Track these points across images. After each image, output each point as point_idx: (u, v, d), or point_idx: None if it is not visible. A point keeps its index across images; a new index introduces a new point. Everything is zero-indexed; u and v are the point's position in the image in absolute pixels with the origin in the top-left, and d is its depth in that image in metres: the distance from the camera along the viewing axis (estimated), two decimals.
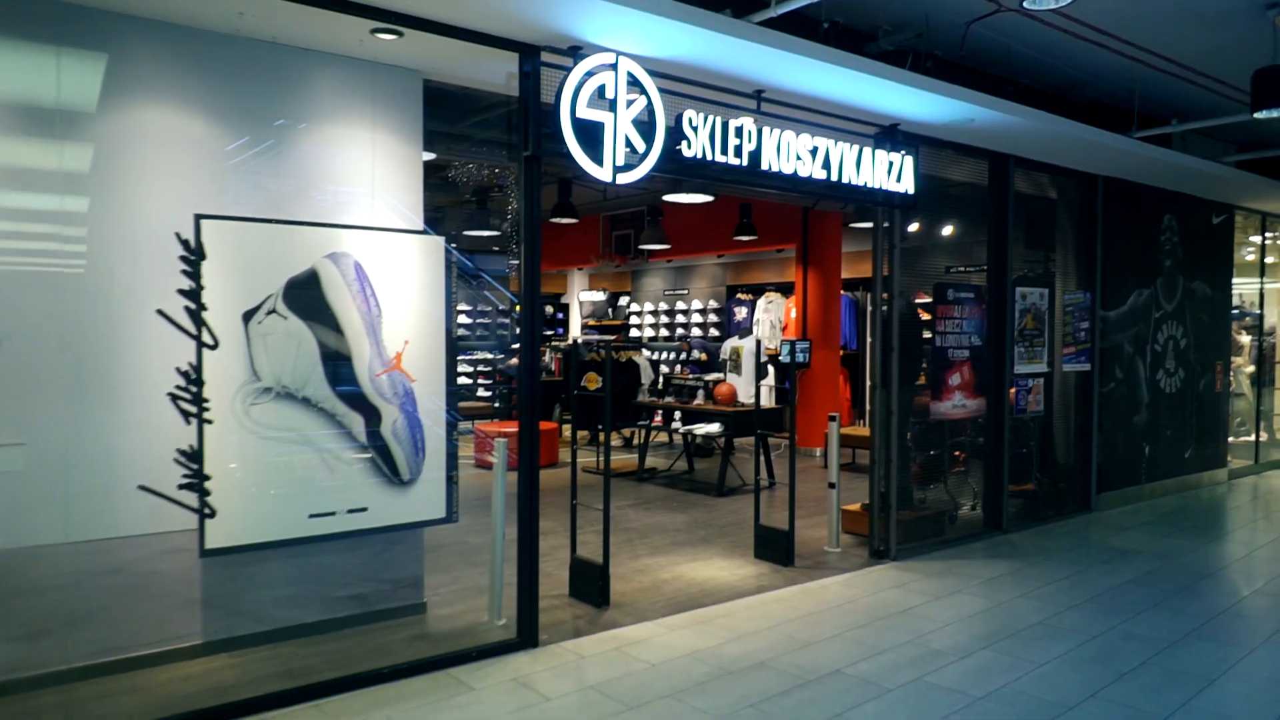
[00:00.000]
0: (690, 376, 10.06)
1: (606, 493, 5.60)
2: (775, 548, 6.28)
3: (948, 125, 6.18)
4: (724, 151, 5.08)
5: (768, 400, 11.09)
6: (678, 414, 9.35)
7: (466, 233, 11.64)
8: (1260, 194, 9.23)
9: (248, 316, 4.36)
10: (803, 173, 5.47)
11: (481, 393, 16.17)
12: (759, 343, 6.69)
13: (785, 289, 13.66)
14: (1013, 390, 7.27)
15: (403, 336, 4.89)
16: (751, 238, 11.61)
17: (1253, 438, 10.69)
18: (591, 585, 5.44)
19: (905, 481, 6.65)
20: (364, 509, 4.76)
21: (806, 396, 11.55)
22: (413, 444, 4.97)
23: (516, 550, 4.92)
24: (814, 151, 5.52)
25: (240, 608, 4.54)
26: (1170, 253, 8.93)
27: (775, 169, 5.32)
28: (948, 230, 7.19)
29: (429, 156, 7.09)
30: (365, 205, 4.85)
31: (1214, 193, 9.14)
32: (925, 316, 6.92)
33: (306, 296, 4.53)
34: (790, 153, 5.39)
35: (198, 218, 4.21)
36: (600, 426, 10.34)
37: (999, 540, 7.05)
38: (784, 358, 12.13)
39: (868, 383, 13.15)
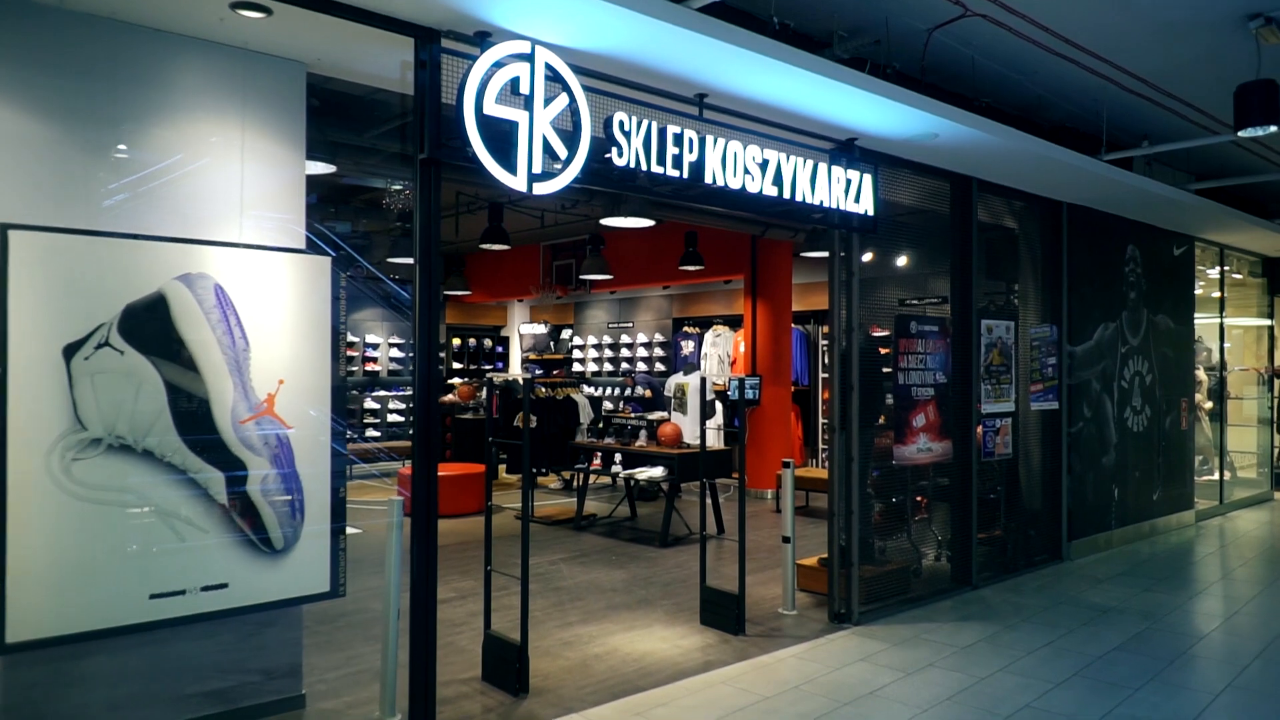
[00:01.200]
0: (632, 415, 9.32)
1: (525, 562, 4.80)
2: (723, 613, 5.53)
3: (909, 141, 5.60)
4: (661, 161, 4.40)
5: (715, 441, 10.39)
6: (618, 456, 8.58)
7: (393, 259, 10.81)
8: (1221, 225, 8.89)
9: (71, 350, 3.51)
10: (751, 188, 4.82)
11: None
12: (704, 380, 5.98)
13: (734, 322, 13.06)
14: (979, 430, 6.67)
15: (276, 375, 4.07)
16: (697, 267, 10.98)
17: (1215, 476, 10.28)
18: (507, 668, 4.62)
19: (867, 534, 5.97)
20: (223, 585, 3.90)
21: (757, 435, 10.89)
22: (288, 503, 4.14)
23: (410, 627, 4.09)
24: (764, 165, 4.87)
25: (56, 716, 3.62)
26: (1135, 284, 8.50)
27: (720, 183, 4.66)
28: (904, 260, 6.60)
29: (327, 169, 6.32)
30: (231, 219, 4.04)
31: (1176, 223, 8.77)
32: (883, 351, 6.30)
33: (151, 326, 3.70)
34: (737, 165, 4.73)
35: (3, 227, 3.37)
36: (538, 470, 9.52)
37: (969, 597, 6.40)
38: (733, 394, 11.48)
39: (822, 422, 12.62)
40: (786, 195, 5.00)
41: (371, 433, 14.88)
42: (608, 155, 4.23)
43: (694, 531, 8.58)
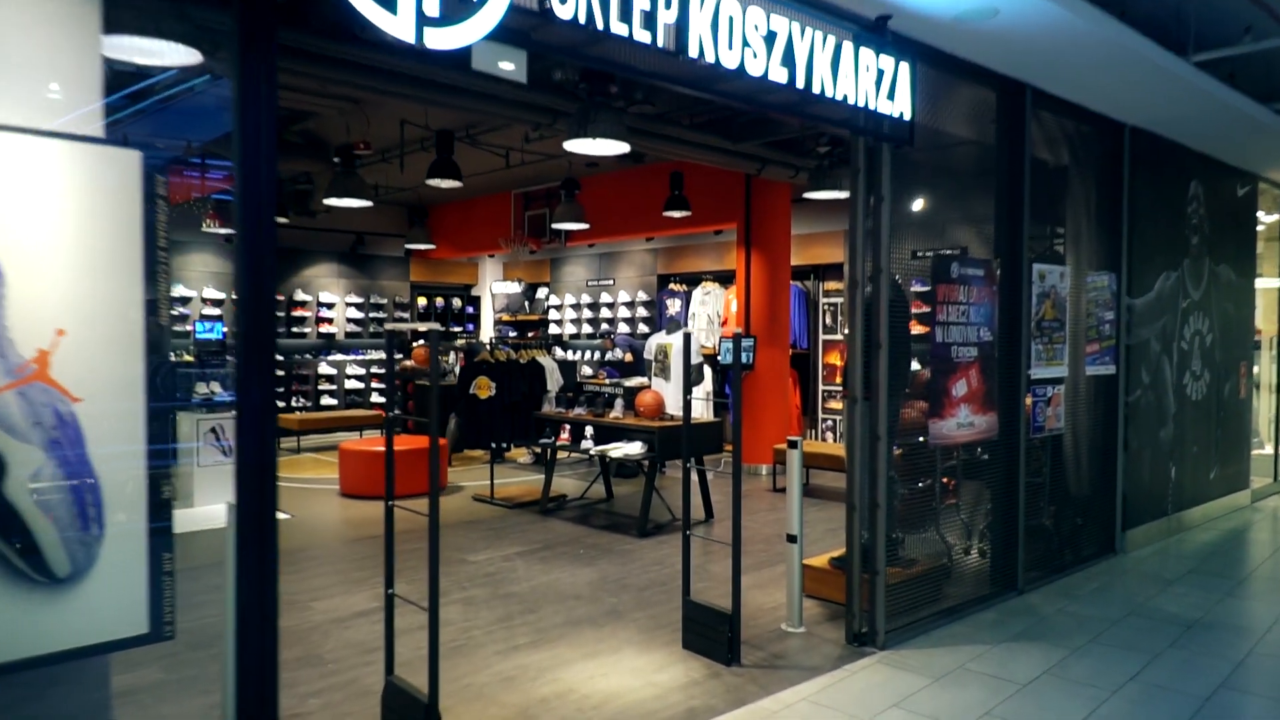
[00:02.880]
0: (607, 382, 8.03)
1: (434, 586, 3.54)
2: (712, 635, 4.28)
3: (960, 21, 4.26)
4: (625, 18, 3.06)
5: (704, 412, 9.13)
6: (590, 429, 7.31)
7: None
8: None
9: None
10: (753, 69, 3.49)
11: (377, 398, 13.93)
12: (688, 338, 4.66)
13: (725, 278, 11.74)
14: (1029, 401, 5.41)
15: (51, 322, 2.75)
16: (684, 214, 9.64)
17: (1269, 450, 9.10)
18: None
19: (893, 529, 4.72)
20: None
21: (751, 403, 9.63)
22: (76, 509, 2.84)
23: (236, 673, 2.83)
24: (770, 39, 3.54)
25: None
26: (1197, 228, 7.22)
27: (711, 58, 3.32)
28: (939, 191, 5.27)
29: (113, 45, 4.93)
30: None
31: (1242, 158, 7.47)
32: (915, 310, 5.00)
33: None
34: (734, 34, 3.39)
35: None
36: (496, 445, 8.26)
37: (1015, 605, 5.18)
38: (724, 358, 10.22)
39: (821, 390, 11.37)
40: (800, 83, 3.67)
41: (328, 400, 13.57)
42: (547, 3, 2.89)
43: (678, 518, 7.33)
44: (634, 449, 6.92)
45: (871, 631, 4.46)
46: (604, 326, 13.36)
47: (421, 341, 12.03)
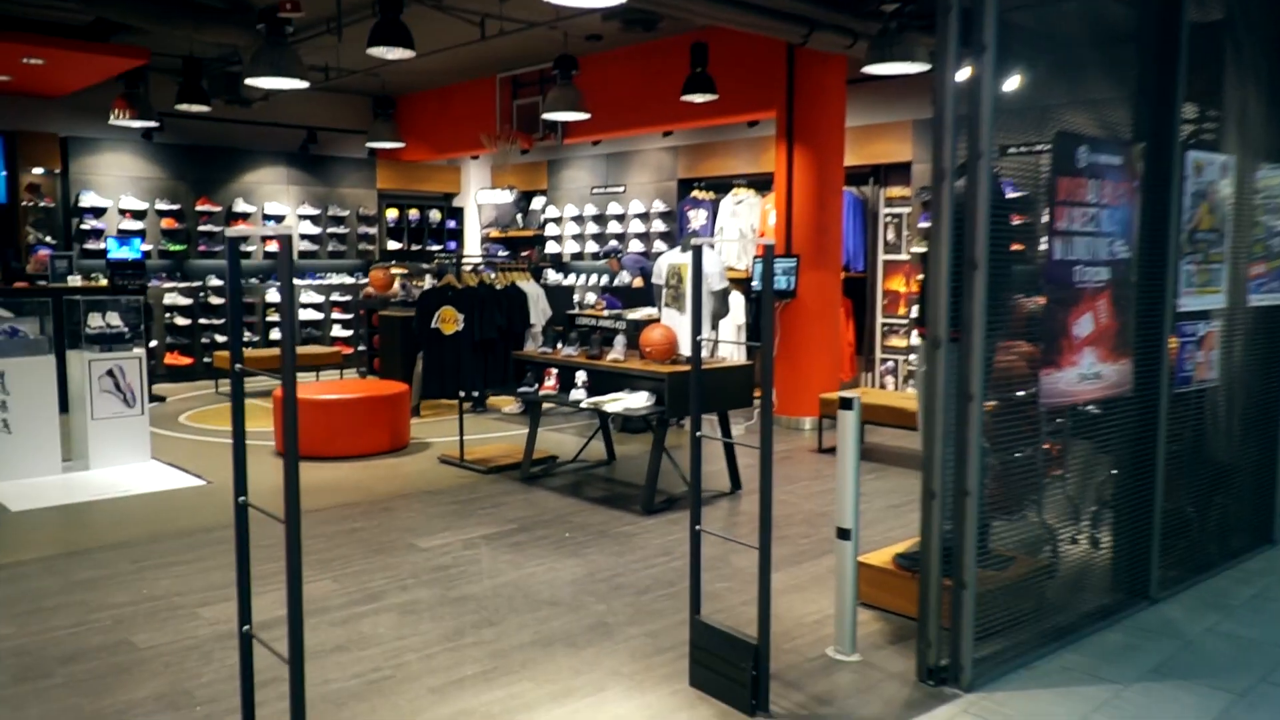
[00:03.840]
0: (606, 313, 7.18)
1: (295, 619, 2.74)
2: (731, 672, 3.51)
3: None
4: None
5: (734, 353, 8.28)
6: (582, 375, 6.49)
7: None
8: None
9: None
10: None
11: (339, 332, 13.23)
12: (699, 250, 3.76)
13: (762, 184, 10.76)
14: (1174, 342, 4.51)
15: None
16: (708, 97, 8.64)
17: None
18: None
19: (986, 522, 3.88)
20: None
21: (793, 341, 8.76)
22: None
23: None
24: None
25: None
26: None
27: None
28: (1036, 71, 4.26)
29: None
30: None
31: None
32: (1015, 221, 4.06)
33: None
34: None
35: None
36: (465, 394, 7.47)
37: (1149, 622, 4.35)
38: (757, 284, 9.32)
39: (880, 323, 10.41)
40: None
41: (278, 334, 12.84)
42: None
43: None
44: (637, 401, 6.10)
45: (954, 666, 3.66)
46: (611, 244, 12.44)
47: (380, 264, 11.21)
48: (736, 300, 9.25)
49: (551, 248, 13.48)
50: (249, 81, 7.69)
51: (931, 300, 3.65)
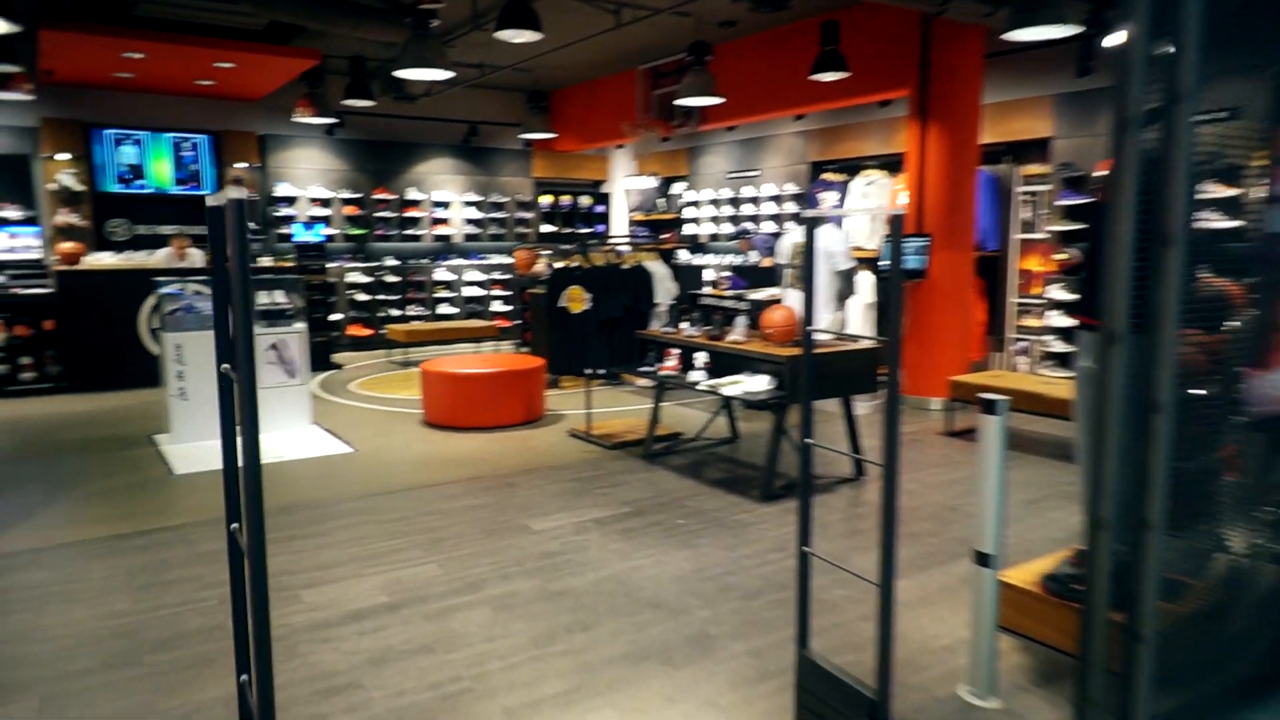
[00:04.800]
0: (729, 292, 6.23)
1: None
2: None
3: None
4: None
5: (861, 331, 7.18)
6: (700, 358, 5.59)
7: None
8: None
9: None
10: None
11: (499, 307, 12.75)
12: (812, 224, 2.79)
13: (893, 165, 9.48)
14: None
15: None
16: (839, 75, 7.47)
17: None
18: None
19: (1165, 551, 2.77)
20: None
21: (923, 321, 7.57)
22: None
23: None
24: None
25: None
26: None
27: None
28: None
29: None
30: None
31: None
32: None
33: None
34: None
35: None
36: (591, 370, 6.70)
37: None
38: (884, 263, 8.14)
39: (1012, 302, 8.98)
40: None
41: (446, 309, 12.48)
42: None
43: (821, 475, 5.57)
44: (757, 385, 5.15)
45: None
46: (742, 226, 11.41)
47: (525, 245, 10.58)
48: (865, 280, 8.09)
49: (690, 229, 12.55)
50: (398, 74, 7.09)
51: (1105, 282, 2.56)
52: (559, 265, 6.55)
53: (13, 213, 9.98)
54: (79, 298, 8.67)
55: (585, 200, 13.85)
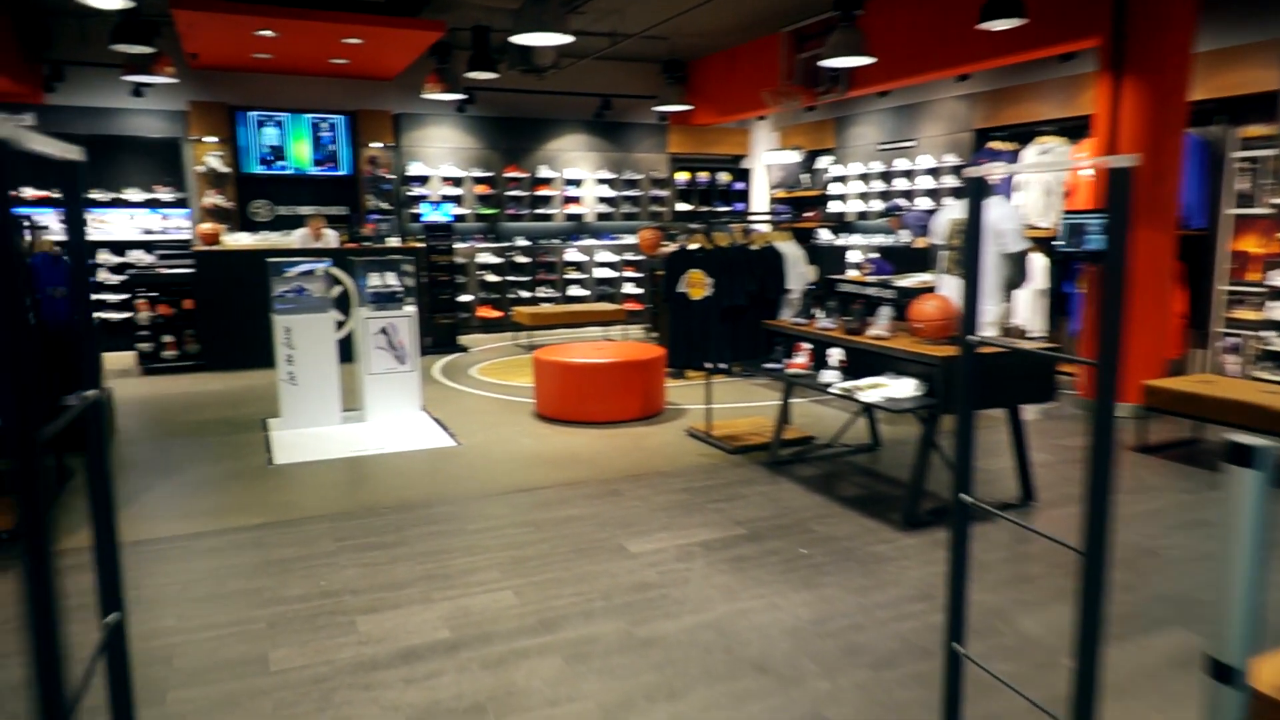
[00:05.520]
0: (872, 277, 5.35)
1: None
2: None
3: None
4: None
5: (1030, 325, 6.09)
6: (834, 355, 4.77)
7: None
8: None
9: None
10: None
11: (631, 290, 12.21)
12: (979, 187, 1.98)
13: (1072, 131, 8.18)
14: None
15: None
16: (1013, 22, 6.36)
17: None
18: None
19: None
20: None
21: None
22: None
23: None
24: None
25: None
26: None
27: None
28: None
29: None
30: None
31: None
32: None
33: None
34: None
35: None
36: (711, 365, 5.99)
37: None
38: (1063, 244, 6.93)
39: (1222, 289, 7.47)
40: None
41: (576, 291, 12.06)
42: None
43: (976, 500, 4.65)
44: (902, 390, 4.30)
45: None
46: (893, 201, 10.30)
47: (652, 224, 9.93)
48: (1038, 264, 6.94)
49: (835, 207, 11.54)
50: (517, 39, 6.57)
51: None
52: (677, 247, 5.85)
53: (165, 194, 10.27)
54: (215, 278, 8.74)
55: (724, 177, 13.05)
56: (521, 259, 11.70)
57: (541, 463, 5.52)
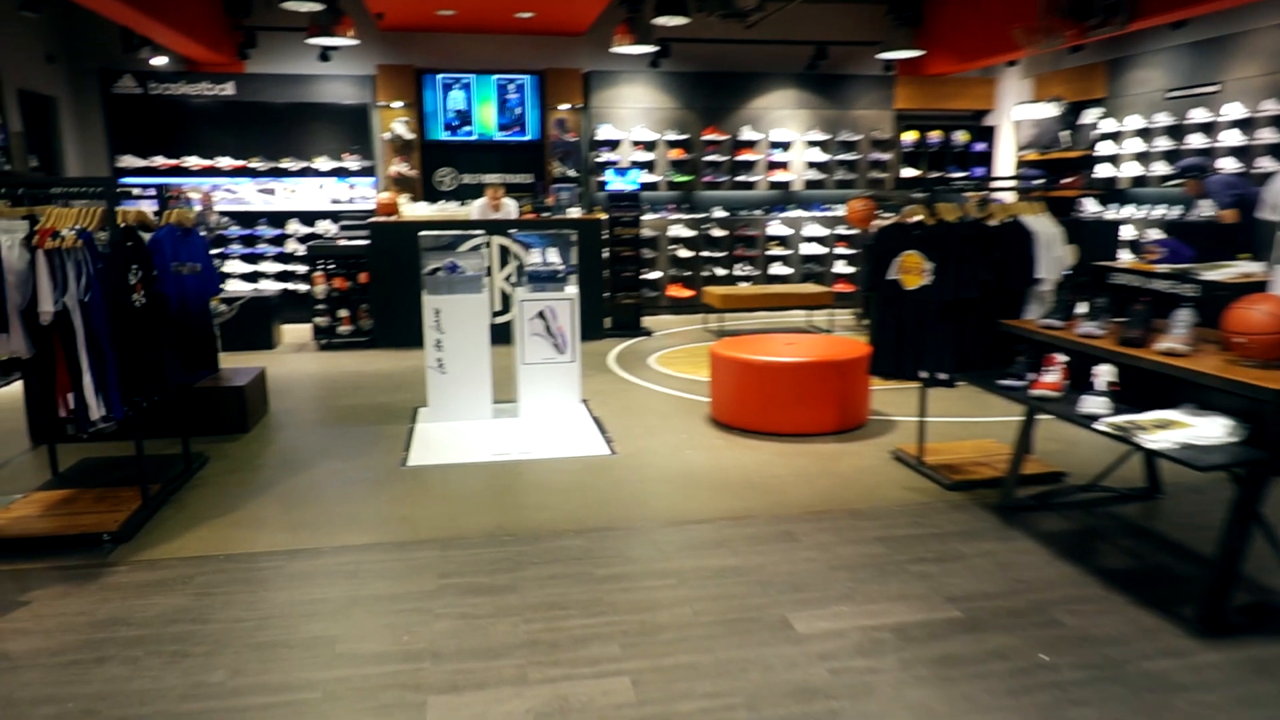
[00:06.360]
0: (1163, 265, 4.06)
1: None
2: None
3: None
4: None
5: None
6: (1102, 374, 3.58)
7: None
8: None
9: None
10: None
11: (842, 269, 11.14)
12: None
13: None
14: None
15: None
16: None
17: None
18: None
19: None
20: None
21: None
22: None
23: None
24: None
25: None
26: None
27: None
28: None
29: None
30: None
31: None
32: None
33: None
34: None
35: None
36: (928, 374, 4.87)
37: None
38: None
39: None
40: None
41: (779, 269, 11.09)
42: None
43: None
44: (1208, 431, 3.07)
45: None
46: (1188, 160, 8.46)
47: (862, 194, 8.71)
48: None
49: (1104, 171, 9.75)
50: None
51: None
52: (889, 221, 4.78)
53: (352, 163, 10.40)
54: (390, 250, 8.62)
55: (961, 136, 11.49)
56: (718, 232, 10.88)
57: (704, 485, 4.72)
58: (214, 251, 9.99)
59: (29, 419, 5.35)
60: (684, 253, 10.84)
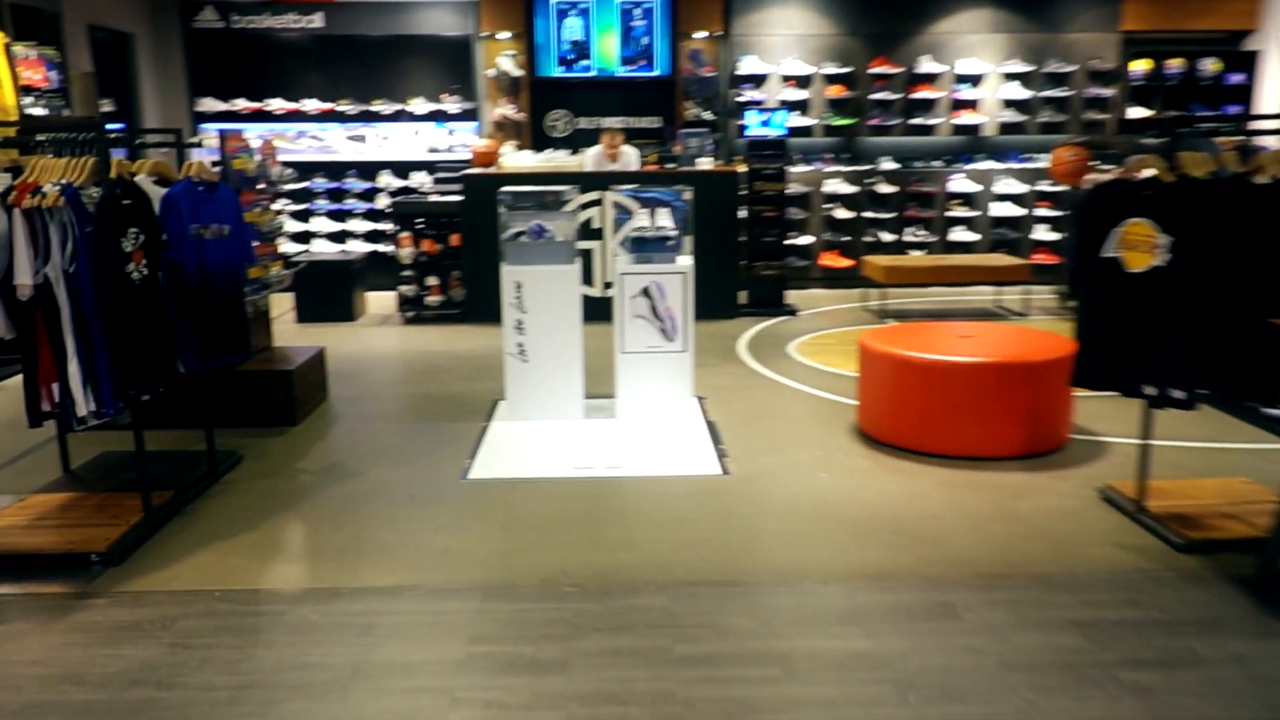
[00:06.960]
0: None
1: None
2: None
3: None
4: None
5: None
6: None
7: None
8: None
9: None
10: None
11: (1042, 234, 10.11)
12: None
13: None
14: None
15: None
16: None
17: None
18: None
19: None
20: None
21: None
22: None
23: None
24: None
25: None
26: None
27: None
28: None
29: None
30: None
31: None
32: None
33: None
34: None
35: None
36: (1156, 391, 3.98)
37: None
38: None
39: None
40: None
41: (962, 234, 10.11)
42: None
43: None
44: None
45: None
46: None
47: (1071, 142, 7.63)
48: None
49: None
50: None
51: None
52: (1109, 176, 3.93)
53: (451, 105, 10.13)
54: (485, 209, 8.25)
55: (1210, 65, 10.09)
56: (885, 188, 9.99)
57: (837, 525, 4.06)
58: (296, 208, 9.98)
59: (27, 405, 5.25)
60: (842, 213, 10.02)
